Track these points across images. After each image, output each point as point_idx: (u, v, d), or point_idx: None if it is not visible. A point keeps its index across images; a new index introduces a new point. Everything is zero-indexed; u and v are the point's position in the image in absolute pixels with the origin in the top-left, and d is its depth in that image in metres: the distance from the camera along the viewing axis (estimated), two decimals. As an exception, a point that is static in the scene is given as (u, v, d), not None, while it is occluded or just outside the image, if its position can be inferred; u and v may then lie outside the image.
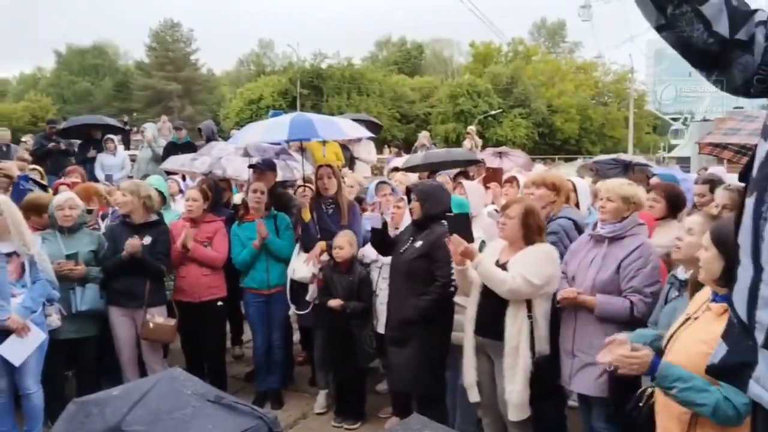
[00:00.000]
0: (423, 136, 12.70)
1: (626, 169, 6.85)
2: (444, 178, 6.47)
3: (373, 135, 8.31)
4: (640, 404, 2.46)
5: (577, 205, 4.33)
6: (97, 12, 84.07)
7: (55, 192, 5.54)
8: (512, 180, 4.96)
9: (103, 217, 5.32)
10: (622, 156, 7.94)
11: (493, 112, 41.70)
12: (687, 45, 1.35)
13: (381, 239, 4.29)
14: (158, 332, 4.54)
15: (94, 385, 4.32)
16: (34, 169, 6.82)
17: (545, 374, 3.36)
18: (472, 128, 15.00)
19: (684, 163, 17.84)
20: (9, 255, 3.95)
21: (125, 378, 4.53)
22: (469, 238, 3.40)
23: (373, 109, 41.53)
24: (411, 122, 44.33)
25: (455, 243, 3.35)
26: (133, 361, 4.64)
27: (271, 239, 4.88)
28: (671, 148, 37.07)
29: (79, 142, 10.23)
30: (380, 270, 4.54)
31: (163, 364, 4.61)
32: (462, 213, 3.66)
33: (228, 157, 5.95)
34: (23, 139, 11.75)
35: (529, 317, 3.36)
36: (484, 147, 14.60)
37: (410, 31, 74.39)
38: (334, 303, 4.44)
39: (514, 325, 3.34)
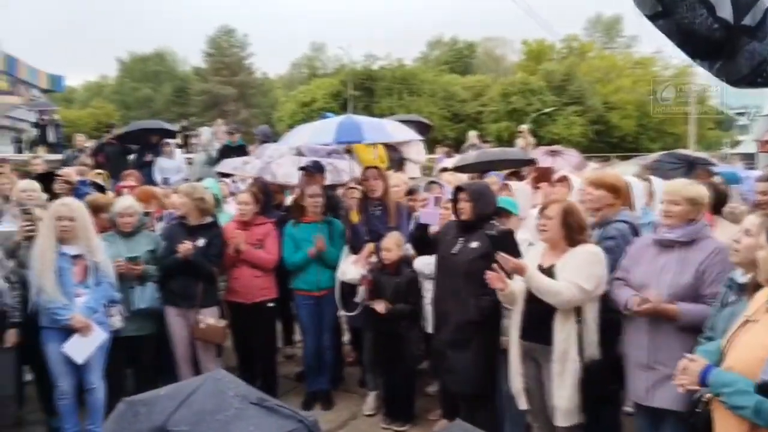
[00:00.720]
0: (472, 136, 12.58)
1: (690, 167, 6.51)
2: (493, 178, 6.37)
3: (420, 137, 8.21)
4: (698, 410, 2.38)
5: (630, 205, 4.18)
6: (158, 20, 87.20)
7: (117, 195, 5.76)
8: (563, 180, 4.83)
9: (160, 219, 5.49)
10: (681, 152, 7.62)
11: (547, 110, 40.92)
12: (688, 33, 1.24)
13: (422, 238, 4.25)
14: (209, 333, 4.65)
15: (152, 381, 4.44)
16: (99, 174, 7.13)
17: (596, 379, 3.26)
18: (524, 127, 14.77)
19: (749, 159, 17.04)
20: (75, 257, 4.14)
21: (180, 375, 4.66)
22: (516, 253, 3.33)
23: (424, 109, 41.39)
24: (462, 121, 43.96)
25: (503, 260, 3.28)
26: (187, 360, 4.77)
27: (327, 250, 4.93)
28: (735, 144, 35.47)
29: (137, 147, 10.63)
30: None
31: (216, 363, 4.71)
32: (505, 229, 3.57)
33: (278, 162, 6.05)
34: (86, 144, 12.29)
35: (578, 321, 3.27)
36: (537, 146, 14.34)
37: (462, 31, 73.96)
38: (380, 306, 4.44)
39: (563, 330, 3.27)
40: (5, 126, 24.96)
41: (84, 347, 4.07)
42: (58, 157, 12.81)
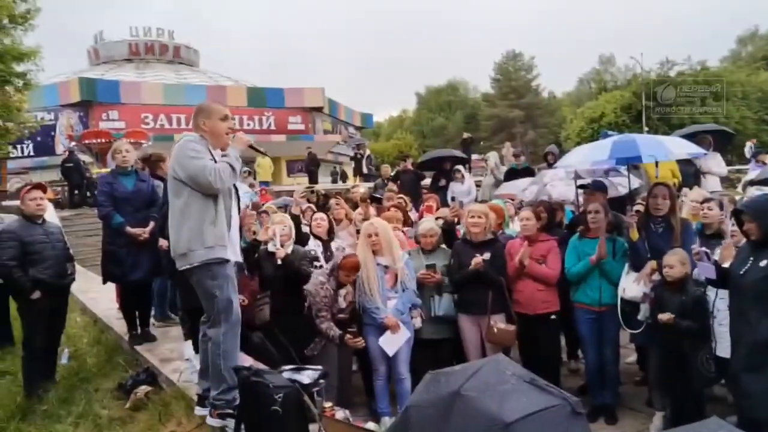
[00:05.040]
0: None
1: None
2: None
3: (705, 151, 7.48)
4: None
5: None
6: (451, 53, 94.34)
7: (421, 216, 6.74)
8: None
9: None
10: None
11: None
12: None
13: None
14: (501, 336, 5.13)
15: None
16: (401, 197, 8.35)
17: None
18: None
19: None
20: (386, 267, 5.07)
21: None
22: None
23: (735, 114, 36.72)
24: (787, 124, 37.77)
25: None
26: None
27: (608, 260, 5.08)
28: None
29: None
30: (717, 291, 4.35)
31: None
32: None
33: (553, 184, 6.36)
34: (390, 174, 14.23)
35: None
36: None
37: (784, 18, 63.42)
38: (665, 317, 4.41)
39: None
40: (328, 160, 29.81)
41: (394, 342, 4.95)
42: (372, 185, 14.98)
